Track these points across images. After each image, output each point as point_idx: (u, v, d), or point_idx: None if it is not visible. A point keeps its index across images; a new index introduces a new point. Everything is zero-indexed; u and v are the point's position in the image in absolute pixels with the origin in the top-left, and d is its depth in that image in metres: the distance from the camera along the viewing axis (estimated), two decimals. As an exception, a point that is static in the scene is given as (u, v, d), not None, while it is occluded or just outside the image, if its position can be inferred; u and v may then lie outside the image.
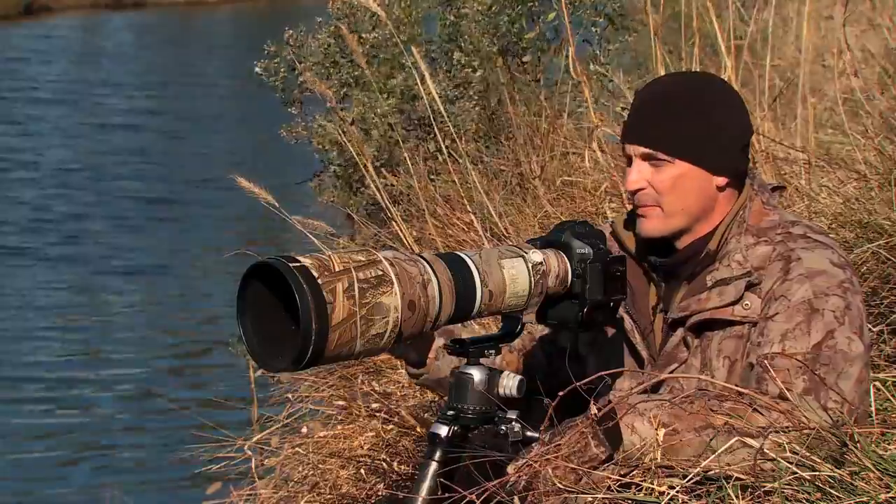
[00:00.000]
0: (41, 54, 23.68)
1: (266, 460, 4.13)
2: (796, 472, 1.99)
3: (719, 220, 2.35)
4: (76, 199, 14.20)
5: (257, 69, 6.25)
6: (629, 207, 2.47)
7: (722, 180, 2.33)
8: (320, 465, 4.00)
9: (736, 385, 2.17)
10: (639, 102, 2.37)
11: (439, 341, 2.34)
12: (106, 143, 16.80)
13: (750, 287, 2.27)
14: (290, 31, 6.20)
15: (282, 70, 6.25)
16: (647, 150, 2.31)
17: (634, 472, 2.07)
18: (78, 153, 16.25)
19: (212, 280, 11.30)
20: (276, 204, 4.31)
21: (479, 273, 2.07)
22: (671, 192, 2.31)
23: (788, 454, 2.01)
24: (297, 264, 1.86)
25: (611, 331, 2.41)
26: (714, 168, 2.31)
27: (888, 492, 1.95)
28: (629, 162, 2.36)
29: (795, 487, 1.99)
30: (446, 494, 2.09)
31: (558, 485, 2.06)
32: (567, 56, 5.28)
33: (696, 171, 2.30)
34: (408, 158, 5.01)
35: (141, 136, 17.31)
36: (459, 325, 2.33)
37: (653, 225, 2.34)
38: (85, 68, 22.85)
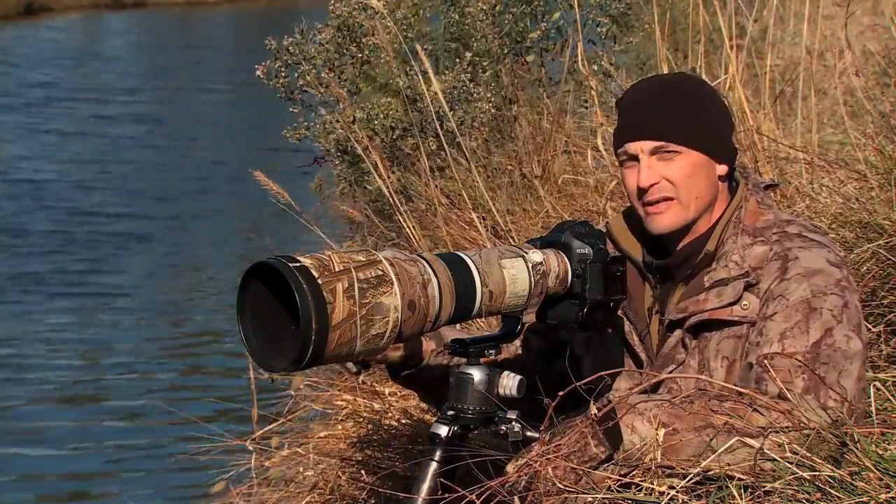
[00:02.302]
0: (40, 55, 23.66)
1: (266, 460, 4.13)
2: (796, 472, 1.99)
3: (715, 217, 2.36)
4: (74, 200, 14.18)
5: (258, 73, 6.25)
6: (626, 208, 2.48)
7: (723, 168, 2.36)
8: (320, 465, 4.00)
9: (735, 385, 2.18)
10: (633, 102, 2.38)
11: (430, 344, 2.37)
12: (103, 145, 16.77)
13: (748, 287, 2.27)
14: (290, 39, 6.21)
15: (283, 74, 6.25)
16: (656, 144, 2.32)
17: (634, 472, 2.07)
18: (75, 154, 16.22)
19: (213, 280, 11.31)
20: (293, 202, 4.33)
21: (479, 273, 2.07)
22: (686, 181, 2.32)
23: (788, 454, 2.01)
24: (297, 264, 1.86)
25: (606, 332, 2.41)
26: (718, 156, 2.35)
27: (888, 492, 1.95)
28: (632, 161, 2.35)
29: (795, 487, 1.98)
30: (446, 494, 2.09)
31: (558, 485, 2.06)
32: (571, 55, 5.29)
33: (704, 160, 2.33)
34: (423, 156, 5.01)
35: (140, 138, 17.29)
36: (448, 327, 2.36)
37: (671, 218, 2.34)
38: (84, 69, 22.83)
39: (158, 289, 11.39)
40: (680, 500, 2.02)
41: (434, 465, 2.16)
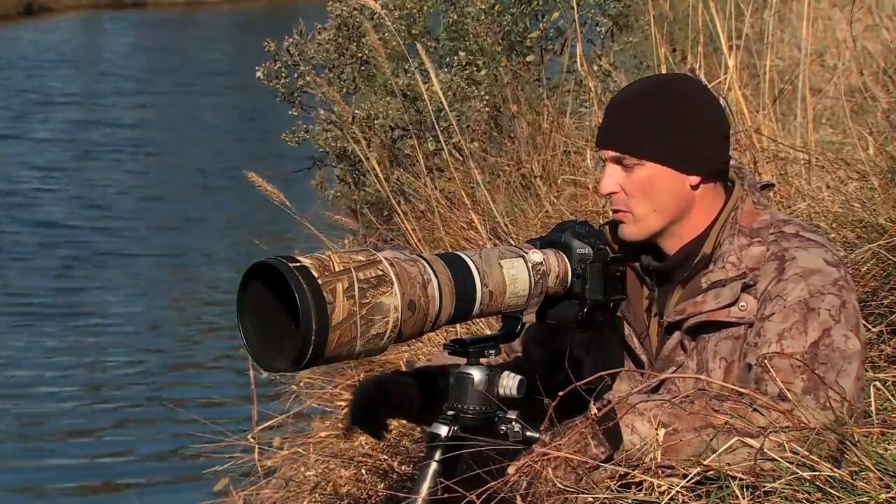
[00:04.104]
0: (37, 57, 23.61)
1: (267, 460, 4.13)
2: (796, 472, 1.99)
3: (705, 221, 2.33)
4: (73, 199, 14.18)
5: (259, 74, 6.26)
6: None
7: (695, 179, 2.31)
8: (321, 465, 4.01)
9: (735, 385, 2.17)
10: (608, 107, 2.37)
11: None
12: (103, 145, 16.75)
13: (745, 288, 2.26)
14: (290, 39, 6.21)
15: (283, 75, 6.27)
16: (616, 154, 2.31)
17: (635, 472, 2.07)
18: (70, 159, 16.19)
19: (213, 281, 11.31)
20: (287, 203, 4.32)
21: (478, 273, 2.07)
22: (642, 194, 2.30)
23: (788, 454, 2.01)
24: (297, 264, 1.86)
25: (606, 333, 2.41)
26: (684, 167, 2.29)
27: (888, 492, 1.95)
28: (603, 164, 2.36)
29: (795, 487, 1.99)
30: (446, 494, 2.09)
31: (558, 484, 2.06)
32: (571, 55, 5.29)
33: (666, 172, 2.29)
34: (421, 157, 5.01)
35: (137, 142, 17.26)
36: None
37: (629, 229, 2.34)
38: (82, 72, 22.79)
39: (158, 289, 11.39)
40: (680, 500, 2.02)
41: (434, 465, 2.16)
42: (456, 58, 5.91)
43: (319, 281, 1.85)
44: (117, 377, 9.29)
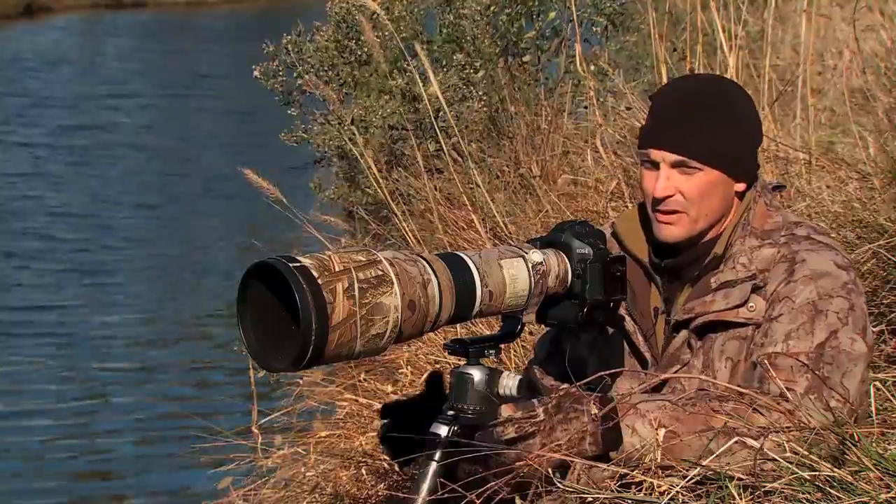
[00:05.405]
0: (40, 56, 23.61)
1: (267, 460, 4.13)
2: (796, 472, 1.99)
3: (727, 222, 2.36)
4: (72, 198, 14.17)
5: (256, 73, 6.25)
6: (630, 207, 2.47)
7: (741, 186, 2.35)
8: (321, 465, 4.01)
9: (737, 385, 2.17)
10: (665, 107, 2.35)
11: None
12: (100, 148, 16.72)
13: (755, 289, 2.27)
14: (288, 37, 6.21)
15: (280, 74, 6.26)
16: (679, 158, 2.30)
17: (634, 472, 2.07)
18: (74, 152, 16.18)
19: (212, 280, 11.31)
20: (285, 200, 4.32)
21: (478, 273, 2.07)
22: (700, 198, 2.31)
23: (788, 454, 2.01)
24: (297, 264, 1.86)
25: (612, 332, 2.41)
26: (738, 175, 2.34)
27: (888, 492, 1.95)
28: (652, 166, 2.33)
29: (795, 487, 1.99)
30: (446, 494, 2.09)
31: (559, 485, 2.06)
32: (568, 55, 5.29)
33: (723, 178, 2.32)
34: (420, 159, 5.01)
35: (137, 141, 17.24)
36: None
37: (679, 231, 2.34)
38: (80, 73, 22.76)
39: (157, 288, 11.38)
40: (680, 500, 2.02)
41: (434, 465, 2.15)
42: (455, 58, 5.91)
43: (319, 281, 1.85)
44: (116, 377, 9.28)
